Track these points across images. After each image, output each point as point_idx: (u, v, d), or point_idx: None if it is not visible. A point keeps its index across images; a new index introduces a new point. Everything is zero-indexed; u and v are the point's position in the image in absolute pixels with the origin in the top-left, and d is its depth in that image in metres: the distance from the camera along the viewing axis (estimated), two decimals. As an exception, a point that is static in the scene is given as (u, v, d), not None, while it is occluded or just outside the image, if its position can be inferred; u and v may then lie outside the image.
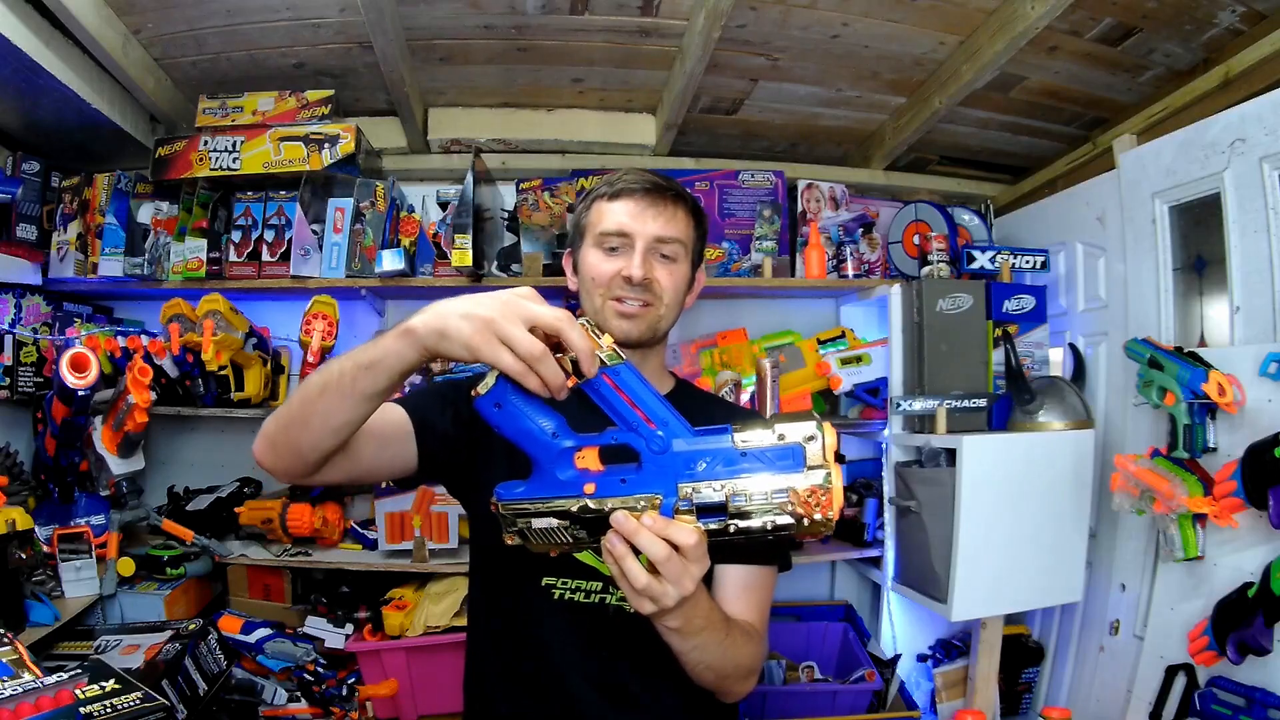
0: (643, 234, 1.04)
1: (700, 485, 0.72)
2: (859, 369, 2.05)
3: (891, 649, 2.05)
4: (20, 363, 1.82)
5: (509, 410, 0.75)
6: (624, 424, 0.74)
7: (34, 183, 1.92)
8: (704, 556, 0.74)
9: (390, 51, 1.70)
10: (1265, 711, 1.30)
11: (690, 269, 1.11)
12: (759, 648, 1.01)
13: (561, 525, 0.75)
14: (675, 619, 0.80)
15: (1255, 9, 1.56)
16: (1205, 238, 1.65)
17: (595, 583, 1.01)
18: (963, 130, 2.15)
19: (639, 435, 0.74)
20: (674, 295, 1.07)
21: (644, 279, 1.03)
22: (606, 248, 1.06)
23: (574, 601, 1.01)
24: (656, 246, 1.05)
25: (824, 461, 0.71)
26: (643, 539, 0.72)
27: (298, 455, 0.87)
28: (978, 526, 1.68)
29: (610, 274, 1.04)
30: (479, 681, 1.09)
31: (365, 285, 1.98)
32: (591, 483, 0.75)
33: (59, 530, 1.69)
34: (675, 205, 1.07)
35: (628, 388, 0.74)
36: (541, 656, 1.01)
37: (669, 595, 0.74)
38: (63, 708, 1.06)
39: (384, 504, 1.92)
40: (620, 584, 0.75)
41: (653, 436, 0.74)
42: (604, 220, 1.06)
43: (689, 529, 0.72)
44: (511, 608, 1.04)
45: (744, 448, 0.72)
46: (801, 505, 0.70)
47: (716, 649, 0.89)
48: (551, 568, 1.01)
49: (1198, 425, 1.47)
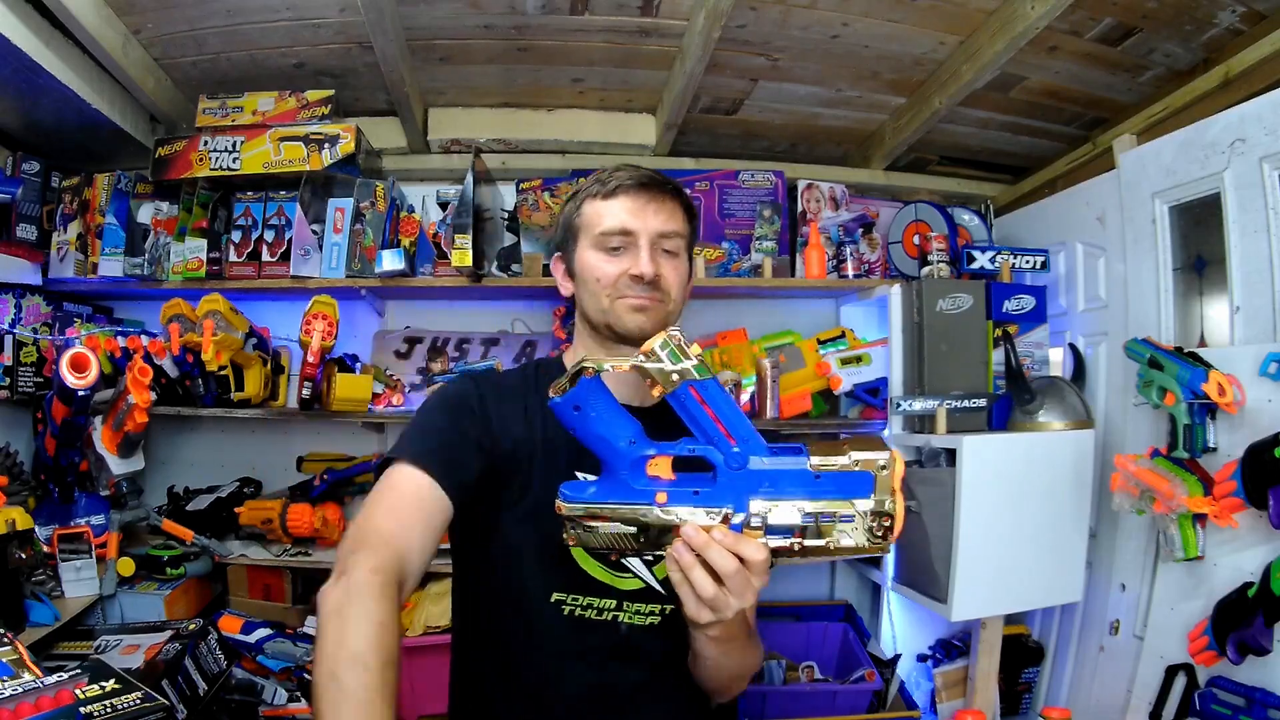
0: (646, 230, 1.02)
1: (775, 504, 0.74)
2: (859, 369, 2.05)
3: (891, 649, 2.05)
4: (20, 363, 1.82)
5: (588, 414, 0.76)
6: (704, 436, 0.75)
7: (34, 183, 1.92)
8: (767, 572, 0.75)
9: (390, 51, 1.70)
10: (1265, 711, 1.30)
11: (688, 264, 1.10)
12: (758, 650, 1.02)
13: (628, 532, 0.76)
14: (717, 629, 0.80)
15: (1255, 9, 1.56)
16: (1205, 238, 1.65)
17: (609, 600, 0.99)
18: (963, 130, 2.15)
19: (717, 449, 0.75)
20: (680, 290, 1.06)
21: (655, 274, 1.01)
22: (608, 248, 1.03)
23: (584, 618, 0.99)
24: (660, 242, 1.03)
25: (893, 489, 0.73)
26: (713, 553, 0.73)
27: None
28: (978, 526, 1.68)
29: (616, 274, 1.01)
30: (473, 691, 1.07)
31: (365, 285, 1.98)
32: (664, 491, 0.76)
33: (59, 530, 1.69)
34: (673, 199, 1.05)
35: (712, 401, 0.75)
36: (543, 669, 1.00)
37: (730, 607, 0.75)
38: (63, 708, 1.06)
39: (384, 504, 1.92)
40: (680, 591, 0.76)
41: (730, 451, 0.75)
42: (603, 220, 1.03)
43: (758, 545, 0.73)
44: (514, 620, 1.00)
45: (819, 470, 0.74)
46: (865, 530, 0.73)
47: (739, 654, 0.91)
48: (563, 584, 0.99)
49: (1198, 425, 1.47)
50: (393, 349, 2.18)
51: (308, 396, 1.87)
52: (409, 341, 2.19)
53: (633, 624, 0.99)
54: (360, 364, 2.05)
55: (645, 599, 1.00)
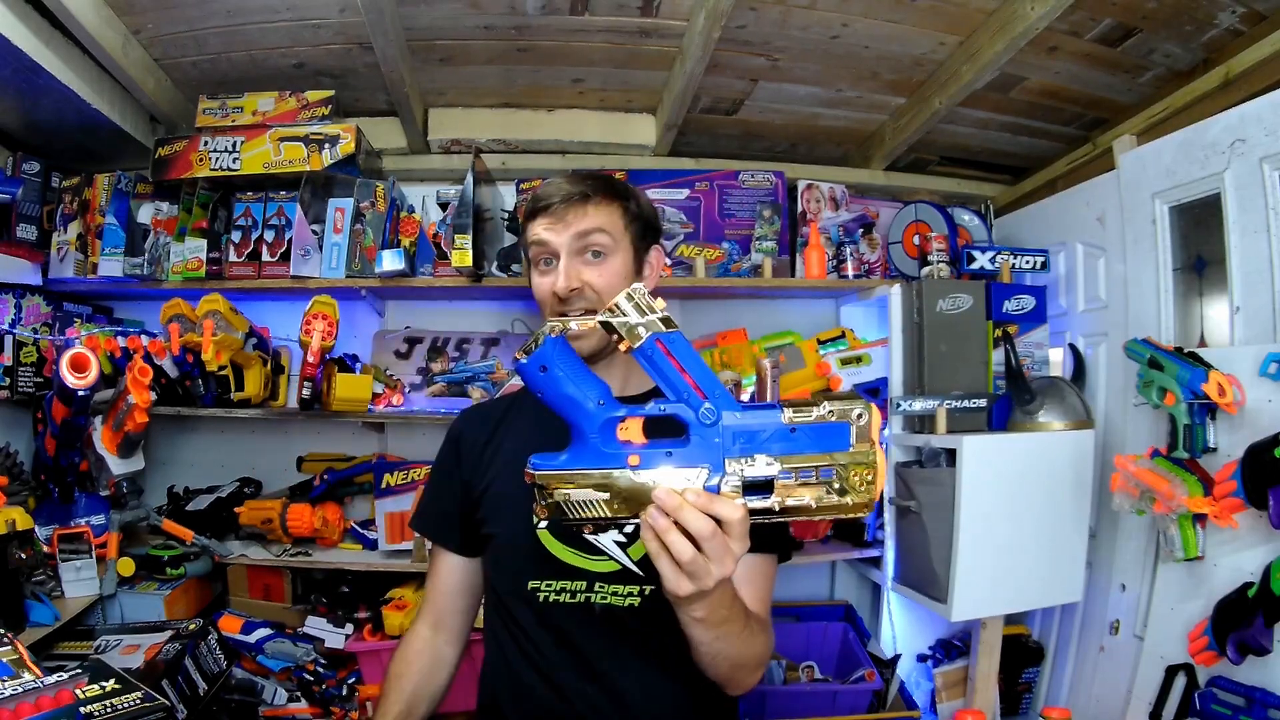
0: (560, 242, 1.03)
1: (751, 461, 0.71)
2: (859, 369, 2.05)
3: (891, 649, 2.05)
4: (20, 363, 1.82)
5: (554, 375, 0.73)
6: (673, 392, 0.72)
7: (34, 183, 1.92)
8: (746, 535, 0.72)
9: (390, 52, 1.70)
10: (1265, 711, 1.30)
11: (633, 254, 1.07)
12: (771, 638, 1.01)
13: (601, 498, 0.73)
14: (701, 608, 0.79)
15: (1255, 9, 1.56)
16: (1205, 238, 1.65)
17: (579, 582, 1.01)
18: (963, 130, 2.15)
19: (689, 406, 0.72)
20: (614, 289, 1.01)
21: (569, 289, 1.01)
22: (541, 265, 1.06)
23: (559, 603, 1.01)
24: (580, 246, 1.03)
25: (871, 440, 0.70)
26: (687, 514, 0.70)
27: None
28: (978, 526, 1.68)
29: (547, 291, 1.04)
30: (490, 685, 1.11)
31: (365, 285, 1.98)
32: (636, 454, 0.73)
33: (59, 530, 1.69)
34: (595, 198, 1.05)
35: (680, 355, 0.71)
36: (532, 659, 1.02)
37: (710, 575, 0.72)
38: (63, 708, 1.06)
39: (384, 504, 1.93)
40: (658, 562, 0.73)
41: (701, 407, 0.72)
42: (530, 239, 1.07)
43: (734, 504, 0.70)
44: (505, 612, 1.06)
45: (794, 423, 0.71)
46: (848, 484, 0.70)
47: (736, 640, 0.88)
48: (536, 571, 1.01)
49: (1198, 425, 1.47)
50: (393, 349, 2.19)
51: (308, 396, 1.87)
52: (409, 341, 2.19)
53: (610, 605, 1.00)
54: (360, 364, 2.05)
55: (622, 580, 1.00)
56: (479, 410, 1.23)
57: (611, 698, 1.00)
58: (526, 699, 1.02)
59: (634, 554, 1.00)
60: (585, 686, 1.00)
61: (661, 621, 0.97)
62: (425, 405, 2.07)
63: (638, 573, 1.00)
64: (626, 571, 1.00)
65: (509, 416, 1.14)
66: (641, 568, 1.00)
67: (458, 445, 1.14)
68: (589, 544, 1.00)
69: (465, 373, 2.12)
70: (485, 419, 1.16)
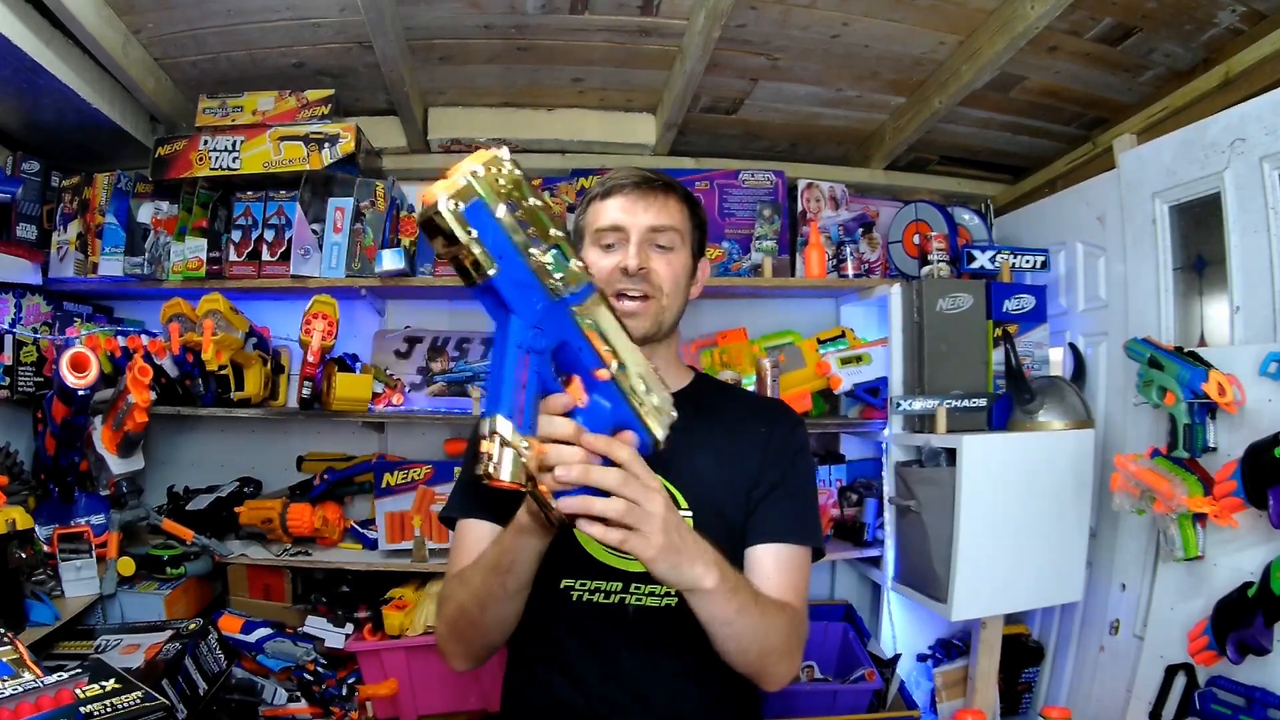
0: (636, 225, 1.05)
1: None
2: (859, 369, 2.05)
3: (891, 649, 2.05)
4: (20, 362, 1.82)
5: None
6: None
7: (34, 182, 1.92)
8: (649, 471, 0.74)
9: (390, 51, 1.70)
10: (1265, 711, 1.30)
11: (691, 258, 1.11)
12: (797, 624, 0.99)
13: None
14: (710, 577, 0.80)
15: (1255, 9, 1.56)
16: (1205, 238, 1.65)
17: (615, 582, 1.00)
18: (963, 130, 2.15)
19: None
20: (674, 285, 1.07)
21: (640, 268, 1.04)
22: (604, 244, 1.07)
23: (593, 603, 1.00)
24: (651, 237, 1.06)
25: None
26: (594, 475, 0.71)
27: (490, 647, 1.02)
28: (978, 526, 1.68)
29: (609, 269, 1.05)
30: (514, 680, 1.10)
31: (365, 285, 1.98)
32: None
33: (59, 530, 1.69)
34: (666, 195, 1.08)
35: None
36: (561, 658, 1.01)
37: (651, 515, 0.73)
38: (63, 707, 1.06)
39: (384, 504, 1.93)
40: (601, 531, 0.72)
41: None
42: (600, 218, 1.08)
43: (619, 443, 0.72)
44: (535, 611, 1.02)
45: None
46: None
47: (752, 624, 0.88)
48: (571, 569, 1.01)
49: (1198, 425, 1.47)
50: (393, 348, 2.19)
51: (308, 396, 1.87)
52: (409, 341, 2.19)
53: (643, 606, 0.99)
54: (360, 364, 2.05)
55: (658, 580, 1.00)
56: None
57: (637, 699, 0.99)
58: (550, 700, 1.02)
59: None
60: (611, 688, 0.99)
61: (695, 622, 0.97)
62: (425, 405, 2.07)
63: None
64: None
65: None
66: None
67: None
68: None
69: (465, 372, 2.12)
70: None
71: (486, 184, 0.64)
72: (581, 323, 0.73)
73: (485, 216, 0.65)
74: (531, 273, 0.68)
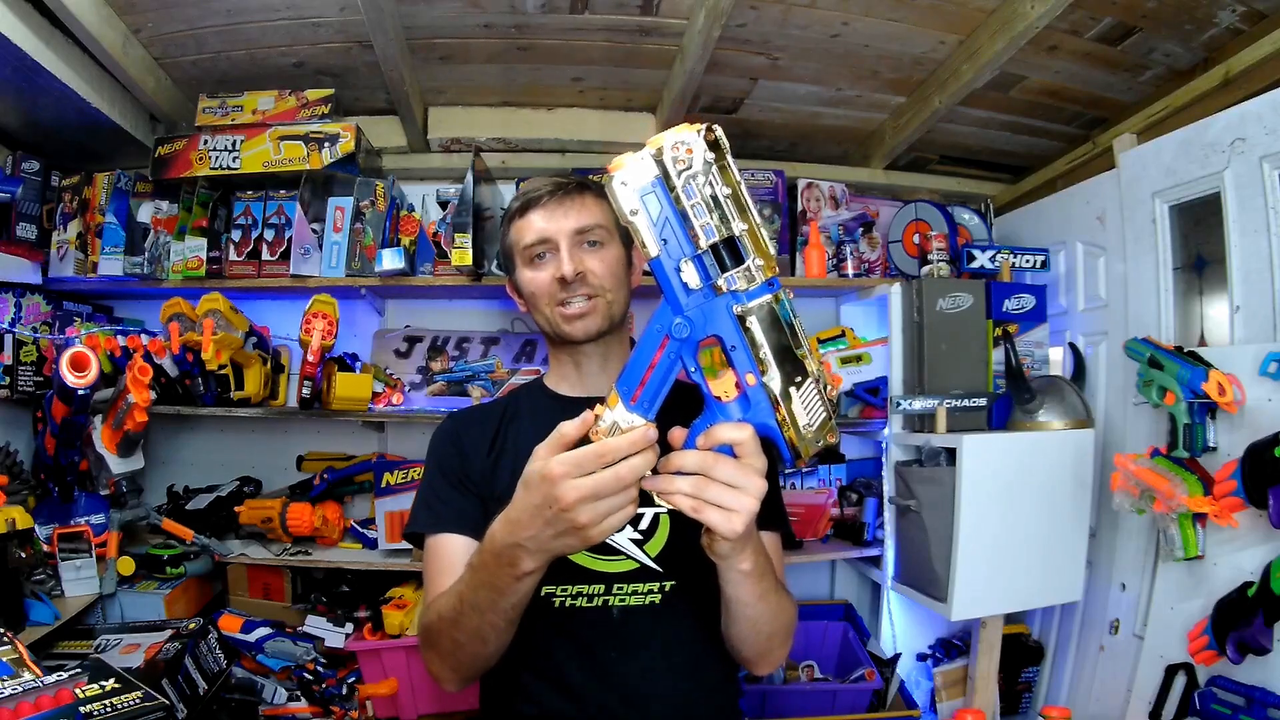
0: (561, 231, 1.06)
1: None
2: (859, 368, 2.05)
3: (891, 648, 2.05)
4: (20, 362, 1.82)
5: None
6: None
7: (34, 182, 1.92)
8: (760, 450, 0.72)
9: (390, 51, 1.70)
10: (1265, 711, 1.30)
11: (623, 249, 1.11)
12: (794, 611, 1.00)
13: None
14: (747, 557, 0.80)
15: (1255, 9, 1.56)
16: (1205, 237, 1.65)
17: (597, 585, 1.00)
18: (963, 130, 2.15)
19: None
20: (614, 279, 1.08)
21: (576, 273, 1.04)
22: (535, 257, 1.08)
23: (576, 608, 1.00)
24: (579, 239, 1.07)
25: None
26: (717, 466, 0.70)
27: (488, 667, 0.97)
28: (978, 526, 1.68)
29: (547, 281, 1.06)
30: (497, 691, 1.08)
31: (365, 284, 1.98)
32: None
33: (59, 529, 1.69)
34: (583, 195, 1.09)
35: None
36: (549, 666, 1.00)
37: (750, 495, 0.71)
38: (63, 707, 1.06)
39: (384, 503, 1.93)
40: (703, 515, 0.71)
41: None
42: (525, 234, 1.08)
43: (737, 427, 0.71)
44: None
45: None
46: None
47: (774, 598, 0.90)
48: (550, 575, 0.98)
49: (1198, 425, 1.47)
50: (393, 348, 2.19)
51: (307, 396, 1.87)
52: (409, 340, 2.19)
53: (627, 606, 0.99)
54: (360, 363, 2.05)
55: (641, 579, 1.00)
56: (470, 414, 1.19)
57: (623, 699, 0.99)
58: (540, 711, 1.01)
59: (650, 550, 1.00)
60: (604, 693, 0.99)
61: (680, 618, 0.97)
62: (425, 404, 2.08)
63: (656, 569, 1.00)
64: (645, 569, 1.00)
65: (506, 422, 1.12)
66: (660, 564, 1.00)
67: (459, 444, 1.10)
68: (604, 545, 0.99)
69: (465, 371, 2.12)
70: (481, 423, 1.13)
71: (664, 166, 0.64)
72: (743, 323, 0.70)
73: (654, 199, 0.65)
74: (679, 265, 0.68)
